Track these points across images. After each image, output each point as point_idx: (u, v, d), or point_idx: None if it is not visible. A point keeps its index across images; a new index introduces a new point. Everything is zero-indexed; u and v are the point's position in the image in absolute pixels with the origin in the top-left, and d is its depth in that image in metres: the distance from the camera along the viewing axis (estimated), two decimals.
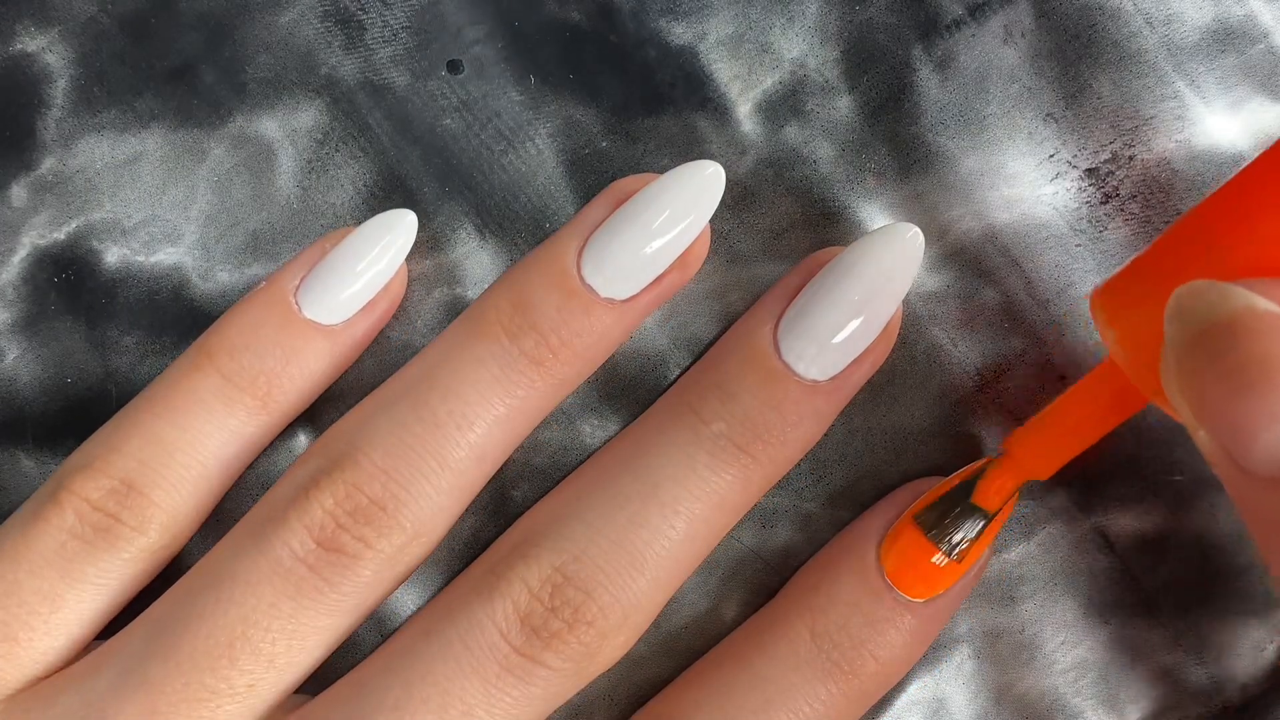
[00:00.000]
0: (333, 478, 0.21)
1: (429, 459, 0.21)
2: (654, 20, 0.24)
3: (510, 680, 0.21)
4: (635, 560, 0.21)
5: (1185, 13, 0.24)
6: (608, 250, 0.22)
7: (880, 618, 0.22)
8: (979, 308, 0.24)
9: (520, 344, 0.22)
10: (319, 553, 0.21)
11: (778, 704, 0.22)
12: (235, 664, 0.21)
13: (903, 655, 0.22)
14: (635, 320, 0.23)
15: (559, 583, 0.21)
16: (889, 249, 0.22)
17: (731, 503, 0.22)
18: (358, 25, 0.24)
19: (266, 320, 0.23)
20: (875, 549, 0.22)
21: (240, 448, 0.23)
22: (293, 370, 0.22)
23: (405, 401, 0.22)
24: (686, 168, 0.22)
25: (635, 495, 0.22)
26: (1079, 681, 0.24)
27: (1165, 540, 0.24)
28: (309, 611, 0.21)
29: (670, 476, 0.22)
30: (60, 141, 0.24)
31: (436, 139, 0.24)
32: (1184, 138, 0.24)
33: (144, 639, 0.21)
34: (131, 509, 0.21)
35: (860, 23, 0.24)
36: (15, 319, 0.24)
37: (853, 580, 0.22)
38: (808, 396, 0.22)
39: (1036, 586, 0.24)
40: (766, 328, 0.22)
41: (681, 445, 0.22)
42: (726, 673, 0.22)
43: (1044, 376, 0.24)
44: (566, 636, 0.21)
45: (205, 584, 0.21)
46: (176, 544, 0.22)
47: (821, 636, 0.22)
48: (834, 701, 0.22)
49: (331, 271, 0.23)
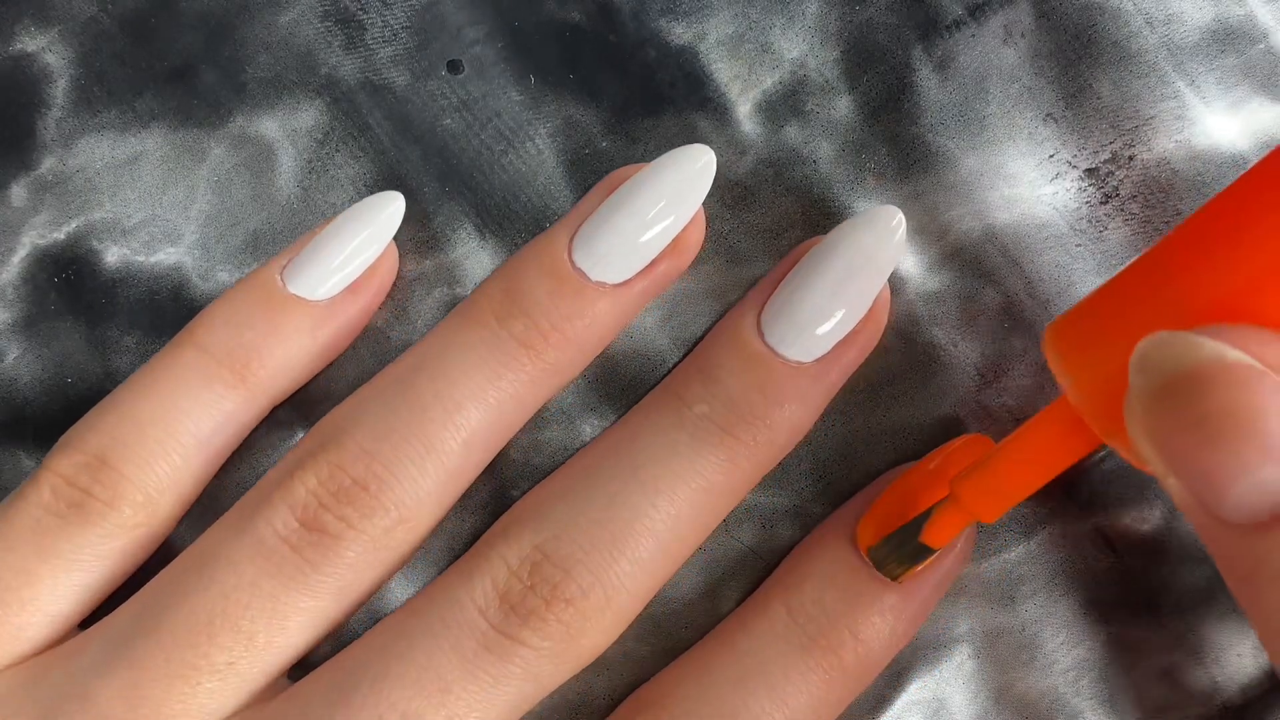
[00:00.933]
0: (317, 459, 0.21)
1: (414, 441, 0.21)
2: (654, 20, 0.24)
3: (488, 658, 0.21)
4: (616, 539, 0.21)
5: (1185, 13, 0.24)
6: (598, 234, 0.22)
7: (857, 593, 0.22)
8: (979, 308, 0.24)
9: (509, 328, 0.22)
10: (301, 532, 0.21)
11: (755, 676, 0.22)
12: (214, 640, 0.21)
13: (884, 634, 0.22)
14: (630, 308, 0.23)
15: (538, 560, 0.21)
16: (870, 230, 0.22)
17: (718, 486, 0.22)
18: (358, 25, 0.24)
19: (249, 297, 0.23)
20: (852, 529, 0.22)
21: (220, 423, 0.22)
22: (272, 343, 0.22)
23: (394, 387, 0.22)
24: (677, 152, 0.22)
25: (616, 476, 0.22)
26: (1079, 682, 0.24)
27: (1165, 540, 0.24)
28: (290, 591, 0.21)
29: (652, 458, 0.22)
30: (60, 141, 0.24)
31: (436, 139, 0.24)
32: (1184, 138, 0.24)
33: (130, 618, 0.21)
34: (103, 483, 0.22)
35: (860, 23, 0.24)
36: (15, 319, 0.24)
37: (829, 557, 0.22)
38: (791, 378, 0.22)
39: (1036, 586, 0.24)
40: (751, 314, 0.22)
41: (664, 429, 0.22)
42: (707, 651, 0.23)
43: (1044, 376, 0.24)
44: (545, 614, 0.21)
45: (191, 564, 0.21)
46: (158, 521, 0.22)
47: (797, 611, 0.22)
48: (813, 677, 0.22)
49: (316, 248, 0.23)
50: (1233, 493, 0.16)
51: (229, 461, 0.24)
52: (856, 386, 0.24)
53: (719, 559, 0.24)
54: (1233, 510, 0.17)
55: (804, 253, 0.23)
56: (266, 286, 0.23)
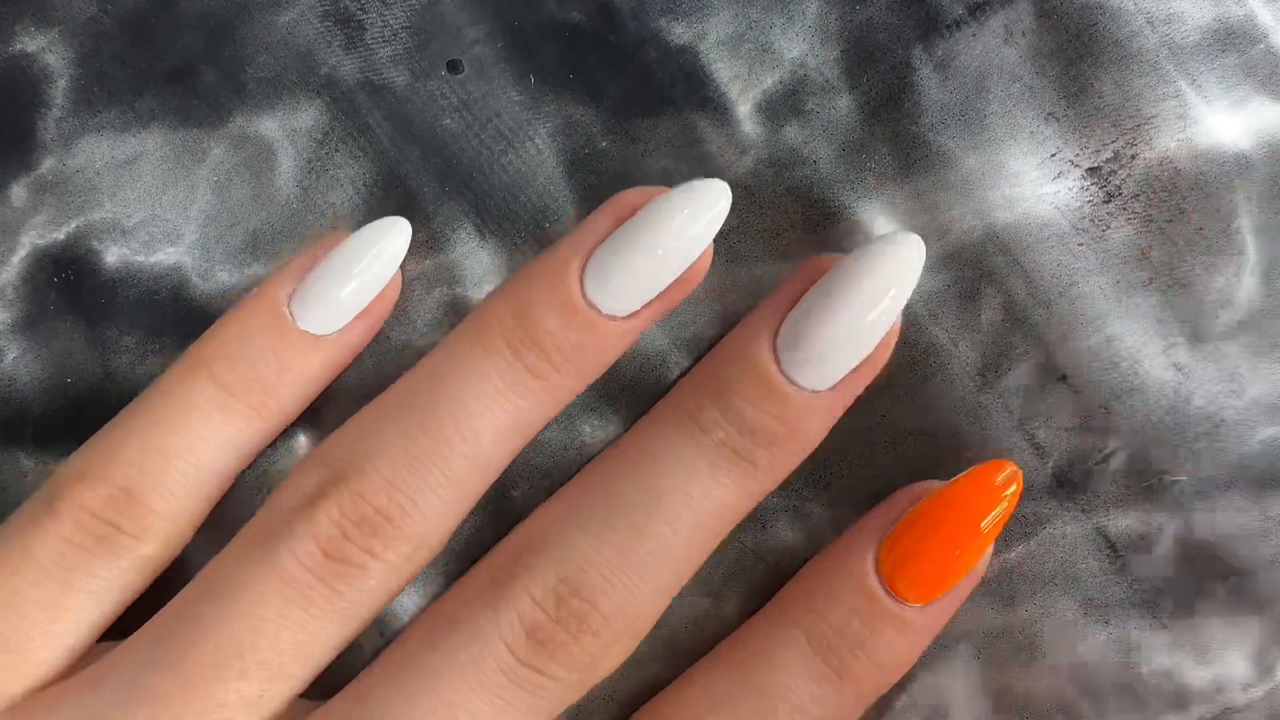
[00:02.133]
0: (339, 489, 0.21)
1: (435, 471, 0.21)
2: (654, 20, 0.24)
3: (516, 692, 0.21)
4: (639, 570, 0.21)
5: (1186, 12, 0.24)
6: (611, 268, 0.22)
7: (877, 621, 0.22)
8: (979, 308, 0.24)
9: (524, 359, 0.22)
10: (325, 563, 0.21)
11: (777, 710, 0.22)
12: (245, 676, 0.21)
13: (901, 658, 0.22)
14: (636, 334, 0.23)
15: (564, 594, 0.21)
16: (893, 260, 0.21)
17: (732, 510, 0.22)
18: (357, 25, 0.24)
19: (260, 329, 0.23)
20: (873, 552, 0.22)
21: (236, 454, 0.23)
22: (287, 379, 0.23)
23: (411, 414, 0.22)
24: (695, 185, 0.22)
25: (639, 505, 0.22)
26: (1079, 682, 0.24)
27: (1165, 540, 0.24)
28: (317, 621, 0.21)
29: (673, 486, 0.22)
30: (60, 141, 0.24)
31: (436, 139, 0.24)
32: (1186, 137, 0.24)
33: (148, 650, 0.21)
34: (131, 517, 0.21)
35: (860, 22, 0.24)
36: (15, 319, 0.24)
37: (850, 583, 0.22)
38: (807, 405, 0.22)
39: (1036, 586, 0.24)
40: (764, 337, 0.22)
41: (683, 456, 0.22)
42: (723, 680, 0.22)
43: (1044, 376, 0.24)
44: (572, 648, 0.21)
45: (210, 594, 0.21)
46: (174, 551, 0.22)
47: (817, 640, 0.22)
48: (831, 704, 0.22)
49: (324, 281, 0.23)
50: None
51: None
52: None
53: (719, 559, 0.24)
54: None
55: (818, 270, 0.22)
56: (276, 320, 0.23)
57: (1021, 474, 0.22)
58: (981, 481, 0.22)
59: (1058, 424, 0.24)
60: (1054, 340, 0.24)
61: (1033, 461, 0.24)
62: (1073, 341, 0.24)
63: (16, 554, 0.21)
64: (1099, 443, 0.24)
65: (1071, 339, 0.24)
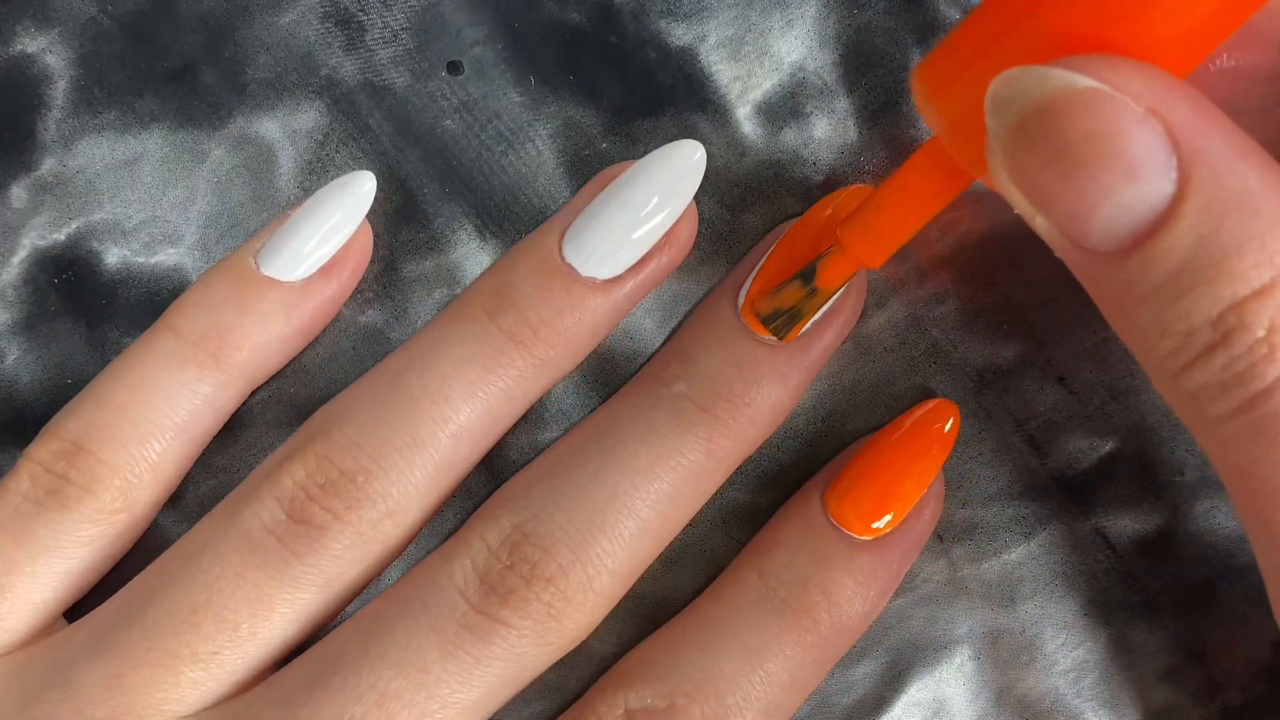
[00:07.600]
0: (305, 451, 0.21)
1: (401, 433, 0.22)
2: (654, 22, 0.24)
3: (468, 638, 0.21)
4: (594, 517, 0.21)
5: None
6: (587, 229, 0.22)
7: (826, 555, 0.22)
8: (979, 308, 0.24)
9: (499, 322, 0.22)
10: (288, 524, 0.21)
11: (727, 639, 0.22)
12: (198, 630, 0.21)
13: (856, 597, 0.22)
14: (622, 304, 0.23)
15: (517, 540, 0.21)
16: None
17: (698, 465, 0.22)
18: (358, 26, 0.24)
19: (223, 280, 0.23)
20: (820, 492, 0.23)
21: (197, 406, 0.22)
22: (246, 325, 0.22)
23: (384, 381, 0.22)
24: (668, 147, 0.22)
25: (594, 454, 0.22)
26: (1079, 682, 0.24)
27: (1165, 540, 0.24)
28: (274, 582, 0.21)
29: (630, 435, 0.22)
30: (60, 142, 0.24)
31: (437, 140, 0.24)
32: None
33: (116, 609, 0.22)
34: (79, 468, 0.22)
35: (859, 26, 0.24)
36: (15, 320, 0.24)
37: (797, 523, 0.23)
38: (768, 356, 0.22)
39: (1036, 587, 0.24)
40: (729, 297, 0.23)
41: (643, 409, 0.22)
42: (680, 620, 0.23)
43: (1044, 376, 0.24)
44: (525, 593, 0.21)
45: (178, 556, 0.22)
46: (138, 507, 0.22)
47: (768, 575, 0.22)
48: (787, 638, 0.22)
49: (290, 230, 0.23)
50: (1097, 220, 0.16)
51: (231, 464, 0.24)
52: (856, 388, 0.24)
53: (718, 559, 0.24)
54: (1099, 238, 0.17)
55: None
56: (240, 269, 0.23)
57: (958, 409, 0.23)
58: (918, 416, 0.23)
59: (1056, 424, 0.24)
60: (1052, 340, 0.24)
61: (1032, 462, 0.24)
62: (1071, 342, 0.24)
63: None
64: (1098, 443, 0.24)
65: (1070, 339, 0.24)
